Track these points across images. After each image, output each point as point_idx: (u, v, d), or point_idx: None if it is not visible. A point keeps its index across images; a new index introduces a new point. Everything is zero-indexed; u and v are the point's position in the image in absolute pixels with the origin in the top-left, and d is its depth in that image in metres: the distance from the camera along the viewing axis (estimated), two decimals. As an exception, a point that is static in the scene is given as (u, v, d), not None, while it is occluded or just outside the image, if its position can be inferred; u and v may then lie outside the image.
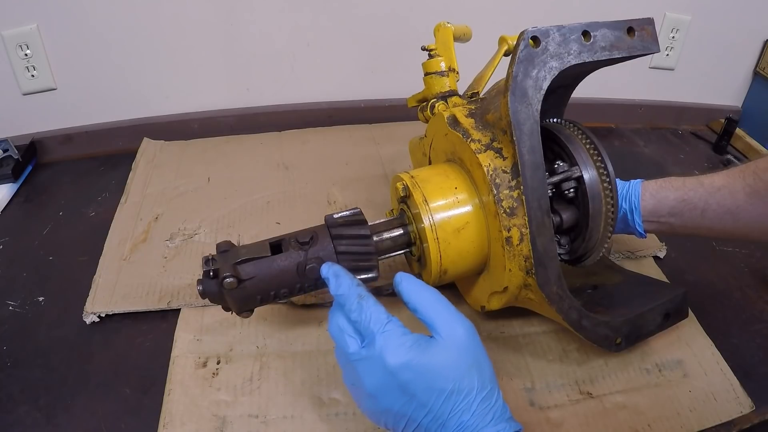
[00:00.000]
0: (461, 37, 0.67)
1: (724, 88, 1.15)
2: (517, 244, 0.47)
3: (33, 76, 0.84)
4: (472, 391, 0.39)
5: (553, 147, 0.53)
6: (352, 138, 0.94)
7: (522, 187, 0.45)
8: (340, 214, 0.50)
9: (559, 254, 0.55)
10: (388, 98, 1.00)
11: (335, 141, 0.93)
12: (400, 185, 0.53)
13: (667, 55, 1.07)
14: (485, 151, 0.48)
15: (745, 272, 0.72)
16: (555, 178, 0.51)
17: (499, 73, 0.54)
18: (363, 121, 0.99)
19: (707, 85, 1.13)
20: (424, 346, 0.40)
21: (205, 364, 0.54)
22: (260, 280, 0.47)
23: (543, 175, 0.46)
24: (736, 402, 0.53)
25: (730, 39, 1.07)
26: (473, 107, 0.54)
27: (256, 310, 0.51)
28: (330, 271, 0.45)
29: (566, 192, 0.51)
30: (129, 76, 0.89)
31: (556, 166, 0.51)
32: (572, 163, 0.51)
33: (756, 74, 1.12)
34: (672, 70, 1.10)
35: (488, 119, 0.50)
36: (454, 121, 0.53)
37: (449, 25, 0.64)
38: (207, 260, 0.47)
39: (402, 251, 0.53)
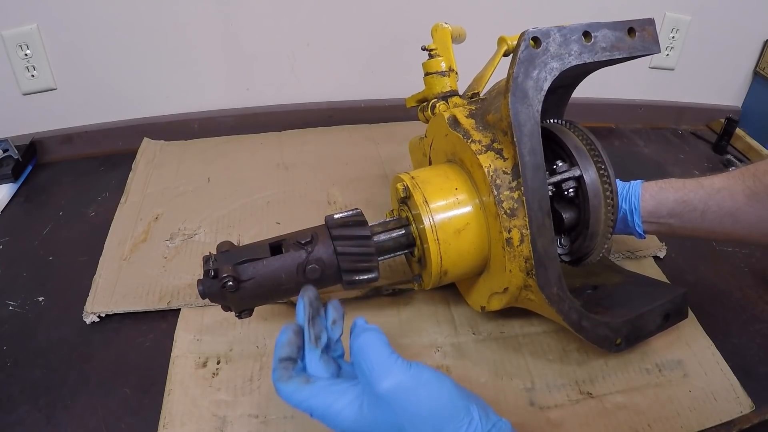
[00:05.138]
0: (456, 38, 0.67)
1: (724, 88, 1.15)
2: (517, 245, 0.47)
3: (33, 76, 0.84)
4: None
5: (554, 147, 0.53)
6: (351, 138, 0.94)
7: (522, 189, 0.45)
8: (340, 215, 0.50)
9: (560, 255, 0.55)
10: (388, 98, 1.00)
11: (335, 141, 0.93)
12: (400, 186, 0.52)
13: (667, 55, 1.07)
14: (486, 152, 0.48)
15: (745, 272, 0.72)
16: (555, 178, 0.51)
17: (499, 73, 0.54)
18: (363, 121, 0.99)
19: (707, 85, 1.13)
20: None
21: (205, 364, 0.54)
22: (260, 281, 0.47)
23: (543, 176, 0.46)
24: (736, 402, 0.53)
25: (730, 39, 1.07)
26: (474, 108, 0.54)
27: (255, 309, 0.51)
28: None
29: (567, 192, 0.51)
30: (129, 76, 0.89)
31: (555, 166, 0.51)
32: (572, 163, 0.51)
33: (756, 74, 1.12)
34: (672, 70, 1.10)
35: (489, 120, 0.50)
36: (455, 122, 0.53)
37: (447, 26, 0.64)
38: (207, 259, 0.47)
39: (402, 252, 0.53)
